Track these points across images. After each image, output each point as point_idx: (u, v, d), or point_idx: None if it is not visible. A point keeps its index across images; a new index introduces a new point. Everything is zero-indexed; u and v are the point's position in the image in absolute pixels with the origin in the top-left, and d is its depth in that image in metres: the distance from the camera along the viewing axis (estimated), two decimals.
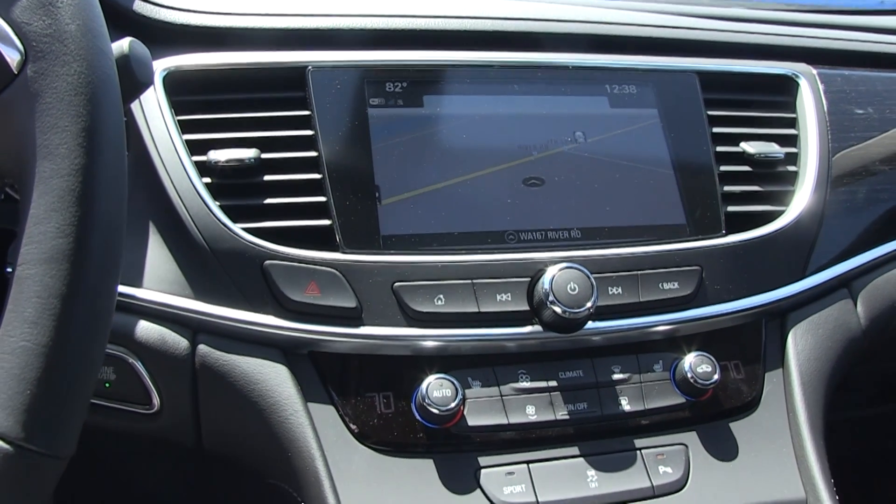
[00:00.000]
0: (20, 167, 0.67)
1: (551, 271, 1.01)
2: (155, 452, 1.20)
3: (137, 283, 1.00)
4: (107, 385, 1.01)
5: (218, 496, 1.34)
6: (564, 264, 1.02)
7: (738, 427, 1.10)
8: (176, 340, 0.99)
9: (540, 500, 0.98)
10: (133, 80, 0.78)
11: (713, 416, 1.09)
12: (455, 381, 0.98)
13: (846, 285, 1.23)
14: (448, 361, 1.02)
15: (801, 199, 1.20)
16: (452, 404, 0.97)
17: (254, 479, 1.10)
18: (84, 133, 0.66)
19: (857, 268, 1.24)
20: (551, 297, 1.00)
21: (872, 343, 1.24)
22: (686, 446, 1.07)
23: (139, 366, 0.99)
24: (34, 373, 0.63)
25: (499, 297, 1.02)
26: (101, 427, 1.04)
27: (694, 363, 1.06)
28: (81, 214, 0.65)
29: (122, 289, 0.99)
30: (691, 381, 1.06)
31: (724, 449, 1.08)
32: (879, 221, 1.29)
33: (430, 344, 1.01)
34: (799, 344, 1.15)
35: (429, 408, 0.97)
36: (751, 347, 1.15)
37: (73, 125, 0.66)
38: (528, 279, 1.03)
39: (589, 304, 1.00)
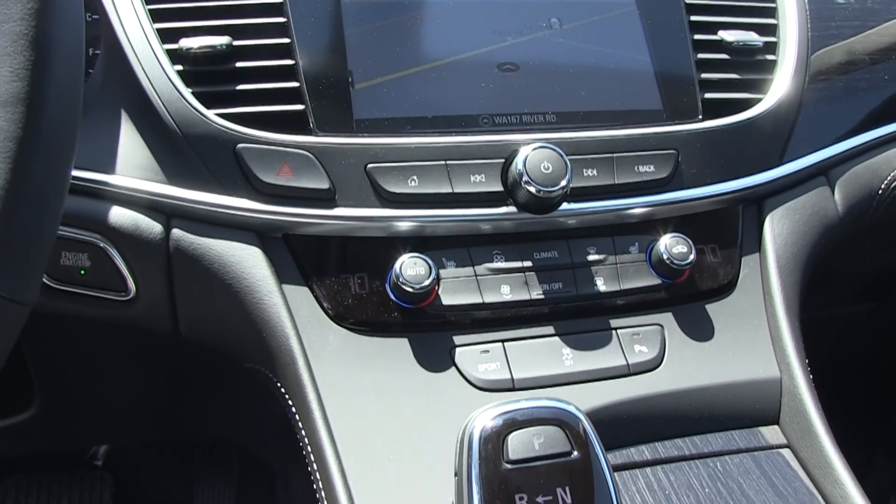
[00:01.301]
0: None
1: (524, 151, 1.01)
2: (132, 345, 1.20)
3: (110, 169, 0.99)
4: (82, 272, 1.00)
5: (195, 388, 1.35)
6: (538, 144, 1.01)
7: (714, 309, 1.10)
8: (150, 225, 0.99)
9: (515, 377, 0.99)
10: None
11: (689, 298, 1.10)
12: (429, 260, 0.98)
13: (824, 173, 1.23)
14: (422, 242, 1.02)
15: (779, 86, 1.19)
16: (426, 282, 0.97)
17: (231, 369, 1.11)
18: None
19: (836, 156, 1.23)
20: (525, 177, 0.99)
21: (849, 232, 1.24)
22: (662, 326, 1.07)
23: (114, 252, 0.99)
24: None
25: (473, 178, 1.02)
26: (78, 317, 1.05)
27: (669, 244, 1.06)
28: (36, 58, 0.65)
29: (94, 175, 0.99)
30: (667, 261, 1.06)
31: (699, 329, 1.08)
32: (858, 111, 1.28)
33: (404, 225, 1.01)
34: (776, 228, 1.15)
35: (403, 286, 0.97)
36: (727, 232, 1.15)
37: None
38: (502, 160, 1.03)
39: (563, 183, 1.00)
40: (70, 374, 1.31)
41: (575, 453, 0.72)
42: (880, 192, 1.25)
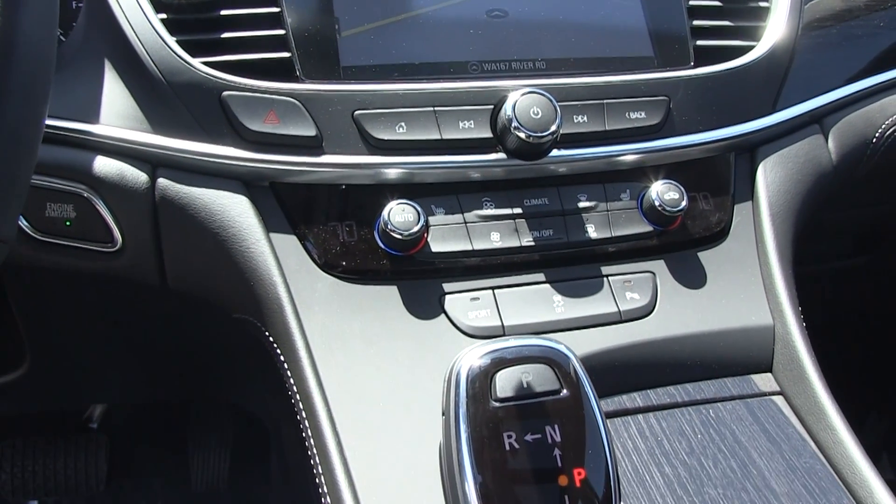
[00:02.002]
0: None
1: (514, 97, 0.99)
2: (121, 300, 1.20)
3: (94, 119, 0.98)
4: (67, 224, 1.00)
5: (186, 347, 1.35)
6: (527, 89, 1.00)
7: (706, 256, 1.09)
8: (135, 175, 0.97)
9: (505, 324, 0.98)
10: None
11: (681, 245, 1.09)
12: (417, 207, 0.97)
13: (818, 121, 1.22)
14: (411, 189, 1.00)
15: (772, 33, 1.18)
16: (415, 229, 0.96)
17: (220, 324, 1.10)
18: None
19: (829, 104, 1.22)
20: (514, 123, 0.98)
21: (843, 181, 1.23)
22: (654, 274, 1.06)
23: (99, 202, 0.98)
24: None
25: (461, 125, 1.01)
26: (66, 270, 1.04)
27: (661, 190, 1.05)
28: None
29: (78, 125, 0.98)
30: (659, 208, 1.05)
31: (691, 277, 1.07)
32: (853, 58, 1.27)
33: (392, 171, 1.00)
34: (768, 176, 1.14)
35: (391, 233, 0.96)
36: (720, 179, 1.14)
37: None
38: (491, 106, 1.02)
39: (553, 128, 0.98)
40: (60, 332, 1.31)
41: (564, 391, 0.72)
42: (874, 140, 1.24)
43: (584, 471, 0.70)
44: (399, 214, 0.96)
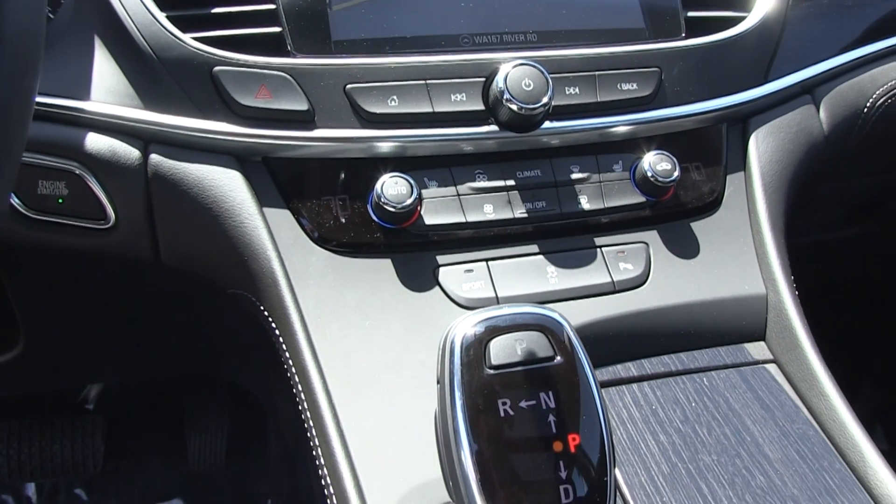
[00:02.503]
0: None
1: (505, 69, 0.99)
2: (115, 278, 1.20)
3: (85, 95, 0.98)
4: (60, 201, 0.99)
5: (181, 325, 1.35)
6: (519, 61, 1.00)
7: (699, 226, 1.10)
8: (127, 151, 0.97)
9: (499, 295, 0.99)
10: None
11: (674, 216, 1.09)
12: (410, 179, 0.97)
13: (809, 92, 1.22)
14: (404, 162, 1.01)
15: (763, 4, 1.18)
16: (408, 201, 0.96)
17: (215, 300, 1.10)
18: None
19: (821, 74, 1.22)
20: (506, 95, 0.98)
21: (835, 151, 1.23)
22: (647, 244, 1.07)
23: (91, 179, 0.98)
24: None
25: (453, 97, 1.01)
26: (59, 248, 1.04)
27: (654, 161, 1.06)
28: None
29: (68, 102, 0.97)
30: (651, 179, 1.05)
31: (685, 247, 1.08)
32: (844, 29, 1.27)
33: (384, 145, 1.00)
34: (760, 147, 1.15)
35: (385, 206, 0.96)
36: (712, 150, 1.14)
37: None
38: (483, 79, 1.02)
39: (545, 100, 0.98)
40: (54, 312, 1.31)
41: (558, 358, 0.72)
42: (866, 110, 1.24)
43: (579, 436, 0.70)
44: (392, 187, 0.96)
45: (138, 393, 1.91)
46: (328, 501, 0.86)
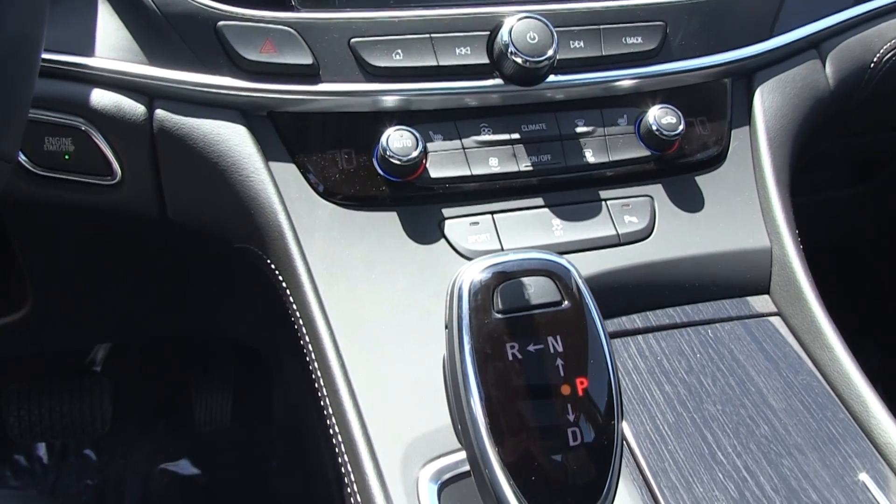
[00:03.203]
0: None
1: (510, 21, 0.99)
2: (121, 235, 1.20)
3: (89, 52, 0.98)
4: (66, 157, 1.00)
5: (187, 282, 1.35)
6: (523, 14, 0.99)
7: (703, 180, 1.10)
8: (132, 107, 0.97)
9: (505, 247, 0.99)
10: None
11: (679, 170, 1.09)
12: (415, 132, 0.97)
13: (815, 46, 1.21)
14: (409, 116, 1.01)
15: None
16: (413, 154, 0.96)
17: (220, 256, 1.10)
18: None
19: (827, 29, 1.21)
20: (511, 48, 0.98)
21: (840, 107, 1.23)
22: (651, 198, 1.07)
23: (97, 135, 0.99)
24: None
25: (458, 51, 1.01)
26: (66, 205, 1.04)
27: (658, 115, 1.05)
28: None
29: (73, 58, 0.97)
30: (656, 132, 1.05)
31: (689, 200, 1.08)
32: None
33: (389, 99, 1.00)
34: (766, 101, 1.14)
35: (390, 159, 0.96)
36: (717, 104, 1.14)
37: None
38: (488, 32, 1.01)
39: (550, 53, 0.98)
40: (61, 271, 1.31)
41: (566, 303, 0.72)
42: (872, 65, 1.24)
43: (587, 380, 0.70)
44: (397, 140, 0.96)
45: (145, 356, 1.92)
46: (337, 450, 0.87)
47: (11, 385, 1.74)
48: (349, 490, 0.85)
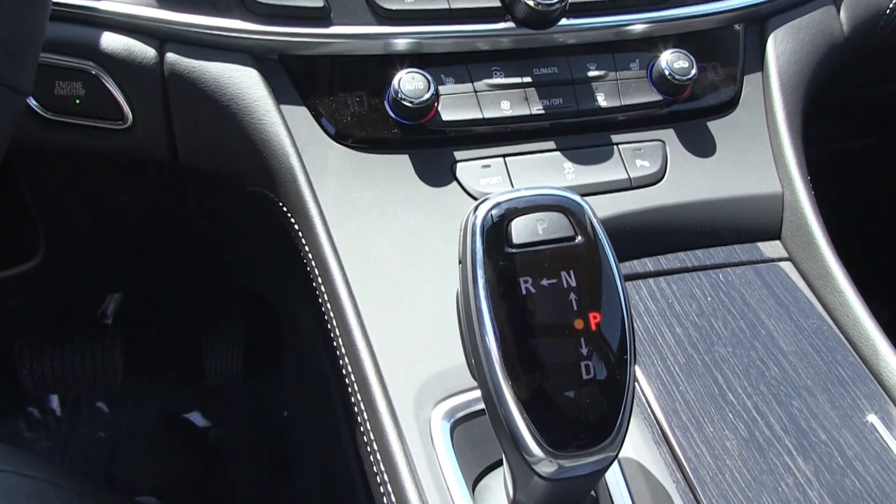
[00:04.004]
0: None
1: None
2: (134, 182, 1.20)
3: None
4: (77, 101, 1.00)
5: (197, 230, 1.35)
6: None
7: (715, 126, 1.10)
8: (143, 50, 0.97)
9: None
10: None
11: (691, 115, 1.09)
12: (427, 75, 0.97)
13: None
14: (421, 59, 1.00)
15: None
16: (425, 96, 0.96)
17: (232, 202, 1.10)
18: None
19: None
20: None
21: (854, 53, 1.22)
22: (663, 142, 1.06)
23: (108, 78, 0.98)
24: None
25: None
26: (78, 150, 1.04)
27: (671, 59, 1.05)
28: None
29: (84, 1, 0.97)
30: (668, 77, 1.05)
31: (701, 145, 1.08)
32: None
33: (401, 42, 0.99)
34: (779, 47, 1.14)
35: (402, 101, 0.96)
36: (730, 50, 1.13)
37: None
38: None
39: None
40: (73, 220, 1.32)
41: (579, 238, 0.72)
42: (888, 11, 1.23)
43: (600, 315, 0.70)
44: (409, 83, 0.96)
45: (156, 308, 1.93)
46: (350, 390, 0.88)
47: (24, 338, 1.75)
48: (362, 429, 0.86)
